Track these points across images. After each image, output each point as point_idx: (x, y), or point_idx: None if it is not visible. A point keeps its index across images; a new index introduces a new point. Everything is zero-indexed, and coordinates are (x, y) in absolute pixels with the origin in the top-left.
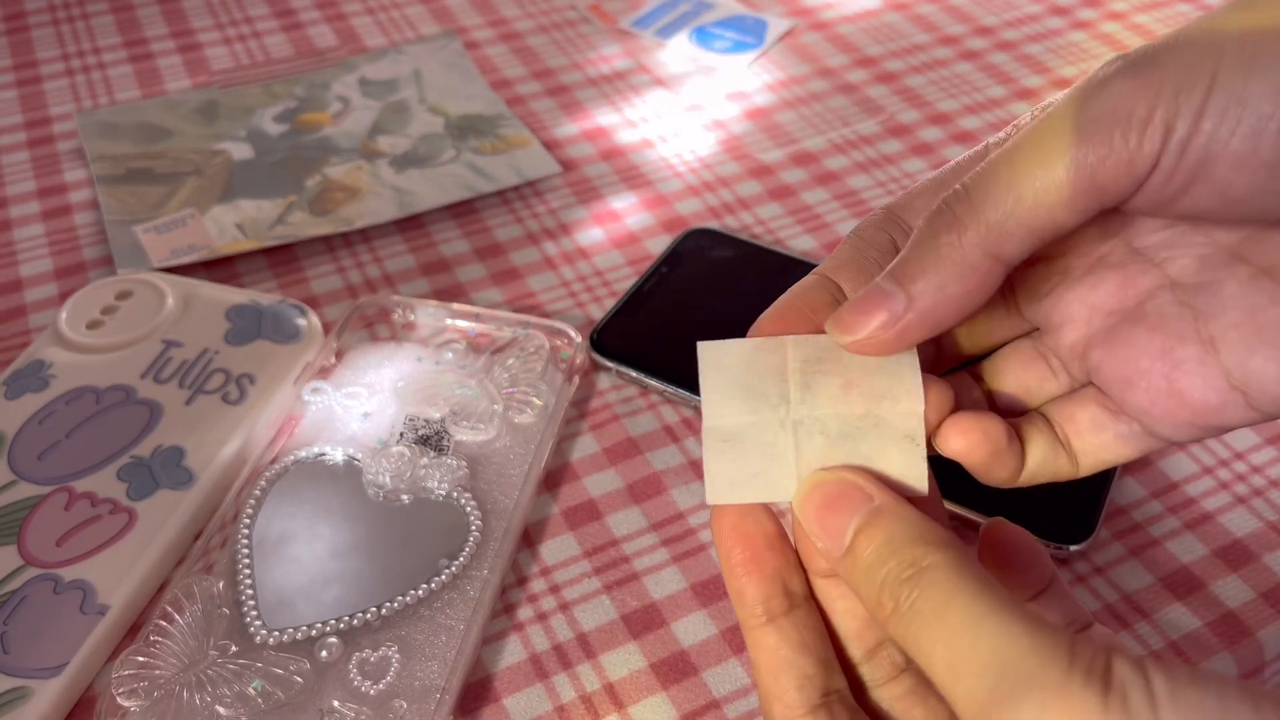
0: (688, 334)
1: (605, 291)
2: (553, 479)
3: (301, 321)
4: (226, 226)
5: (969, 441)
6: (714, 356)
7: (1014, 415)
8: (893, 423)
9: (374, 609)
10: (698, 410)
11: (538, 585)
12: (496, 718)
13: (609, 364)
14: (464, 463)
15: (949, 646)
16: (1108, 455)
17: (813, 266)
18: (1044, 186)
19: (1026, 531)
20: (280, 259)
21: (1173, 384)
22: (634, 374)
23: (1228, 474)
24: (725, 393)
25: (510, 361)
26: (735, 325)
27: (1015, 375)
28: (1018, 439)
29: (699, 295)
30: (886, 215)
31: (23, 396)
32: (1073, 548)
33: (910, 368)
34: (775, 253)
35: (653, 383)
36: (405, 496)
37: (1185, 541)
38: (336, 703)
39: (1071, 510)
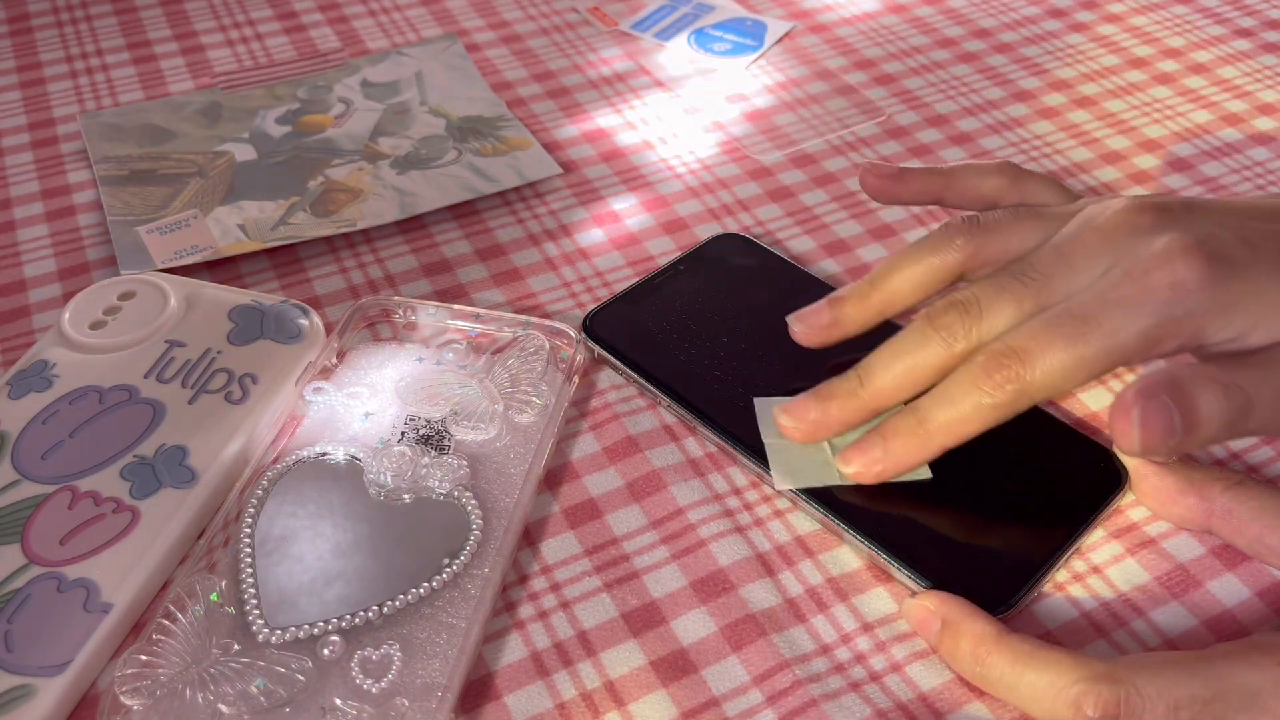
0: (679, 334)
1: (605, 293)
2: (553, 478)
3: (303, 322)
4: (229, 227)
5: None
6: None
7: None
8: None
9: (376, 607)
10: (669, 408)
11: (538, 583)
12: (498, 715)
13: (594, 347)
14: (465, 462)
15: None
16: None
17: (833, 288)
18: None
19: None
20: (282, 260)
21: None
22: (617, 362)
23: None
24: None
25: (511, 361)
26: (729, 335)
27: None
28: None
29: (706, 299)
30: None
31: (26, 396)
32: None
33: None
34: (799, 269)
35: (632, 374)
36: (406, 496)
37: (1182, 540)
38: (339, 700)
39: (1001, 577)
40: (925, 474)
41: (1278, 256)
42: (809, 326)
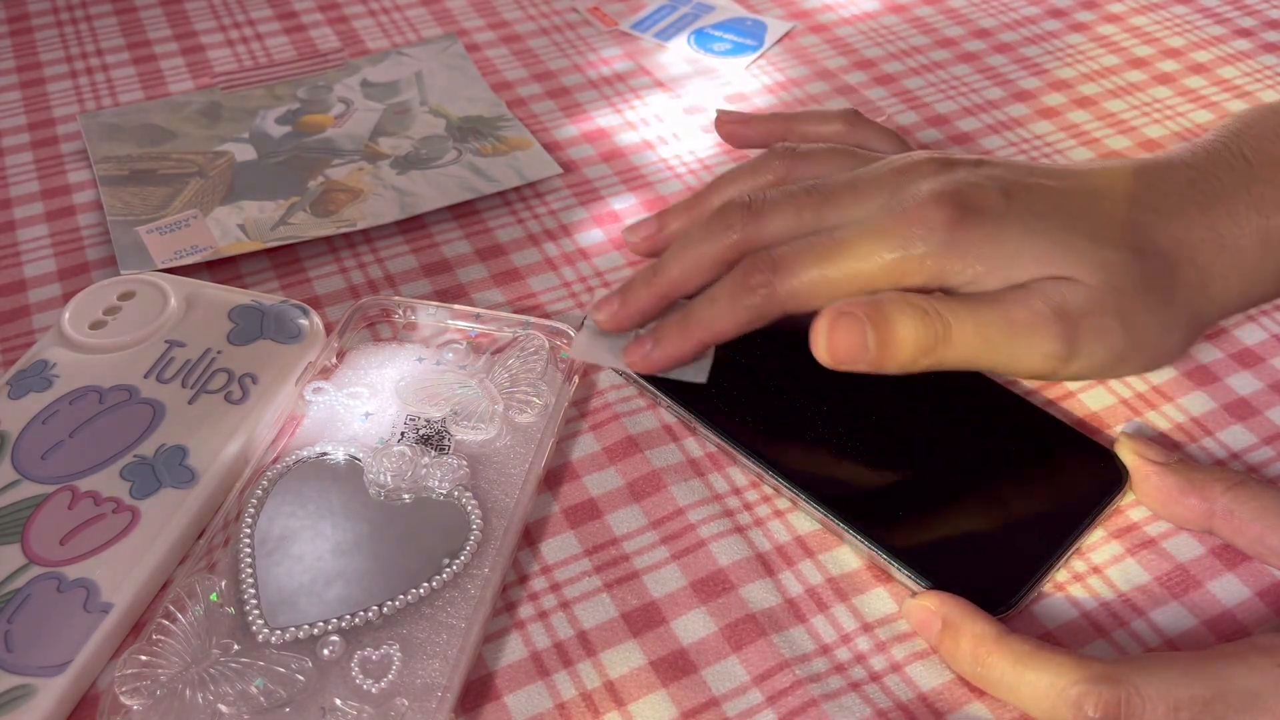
0: None
1: (605, 292)
2: (553, 478)
3: (303, 322)
4: (229, 227)
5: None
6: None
7: None
8: None
9: (376, 607)
10: (669, 408)
11: (538, 583)
12: (497, 715)
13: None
14: (465, 462)
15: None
16: None
17: None
18: None
19: None
20: (282, 260)
21: None
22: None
23: None
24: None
25: (511, 361)
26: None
27: None
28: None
29: None
30: None
31: (26, 396)
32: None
33: None
34: None
35: (632, 374)
36: (406, 496)
37: (1182, 540)
38: (339, 701)
39: (1001, 577)
40: (700, 377)
41: (1029, 208)
42: (639, 236)
